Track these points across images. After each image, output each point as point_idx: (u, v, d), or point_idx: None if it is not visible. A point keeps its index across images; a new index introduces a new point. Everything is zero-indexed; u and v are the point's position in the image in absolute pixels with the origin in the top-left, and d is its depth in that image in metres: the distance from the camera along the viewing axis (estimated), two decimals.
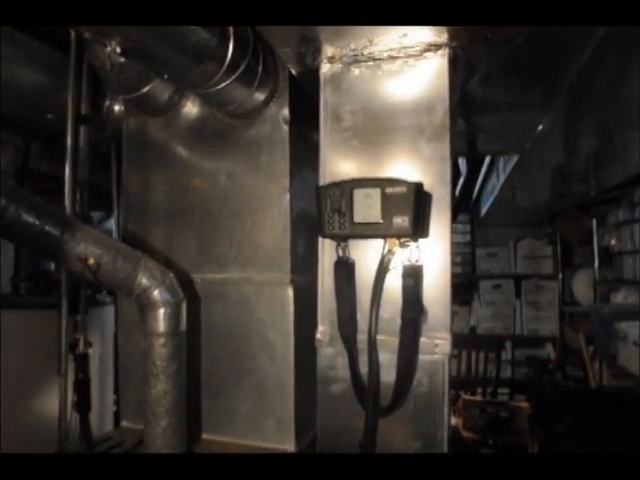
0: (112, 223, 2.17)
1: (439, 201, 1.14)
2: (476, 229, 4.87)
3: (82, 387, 1.28)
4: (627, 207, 3.82)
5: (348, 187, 1.08)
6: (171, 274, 1.36)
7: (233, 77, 1.28)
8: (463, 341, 4.04)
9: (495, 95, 1.71)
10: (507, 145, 2.35)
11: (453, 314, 1.12)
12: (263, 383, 1.46)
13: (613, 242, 4.22)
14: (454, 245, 1.16)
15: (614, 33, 1.18)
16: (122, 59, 1.31)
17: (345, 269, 1.13)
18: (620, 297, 4.14)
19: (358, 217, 1.07)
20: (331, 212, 1.08)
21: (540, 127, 1.91)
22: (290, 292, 1.43)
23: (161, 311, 1.32)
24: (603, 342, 3.82)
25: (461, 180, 3.36)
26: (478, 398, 3.08)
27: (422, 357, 1.10)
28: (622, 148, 2.50)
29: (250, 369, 1.47)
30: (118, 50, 1.04)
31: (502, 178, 3.07)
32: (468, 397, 2.99)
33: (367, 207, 1.06)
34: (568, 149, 2.56)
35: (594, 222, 4.37)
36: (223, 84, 1.28)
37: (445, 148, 1.15)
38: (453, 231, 1.16)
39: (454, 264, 1.16)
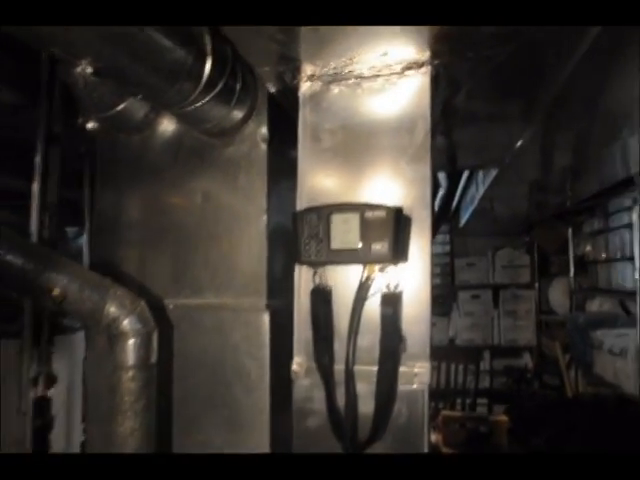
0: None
1: (419, 223, 1.11)
2: (455, 239, 4.88)
3: (41, 433, 1.21)
4: (601, 217, 3.87)
5: (325, 212, 1.05)
6: (142, 302, 1.30)
7: (210, 96, 1.23)
8: (442, 353, 4.05)
9: (476, 110, 1.70)
10: (487, 160, 2.35)
11: (432, 327, 1.09)
12: (238, 414, 1.39)
13: (588, 248, 4.27)
14: (434, 257, 1.13)
15: (591, 53, 1.18)
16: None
17: (322, 297, 1.09)
18: (595, 305, 4.19)
19: (336, 243, 1.03)
20: (308, 238, 1.04)
21: (520, 142, 1.91)
22: (266, 318, 1.38)
23: (131, 342, 1.25)
24: (579, 350, 3.86)
25: (441, 192, 3.36)
26: (457, 413, 3.06)
27: (401, 387, 1.06)
28: (596, 161, 2.54)
29: (224, 400, 1.41)
30: (89, 70, 0.98)
31: (481, 190, 3.08)
32: (448, 413, 2.97)
33: (345, 233, 1.02)
34: (545, 163, 2.59)
35: (570, 231, 4.42)
36: (199, 103, 1.23)
37: (426, 169, 1.12)
38: (433, 243, 1.13)
39: (433, 275, 1.13)
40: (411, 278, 1.09)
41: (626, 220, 3.28)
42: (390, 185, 1.13)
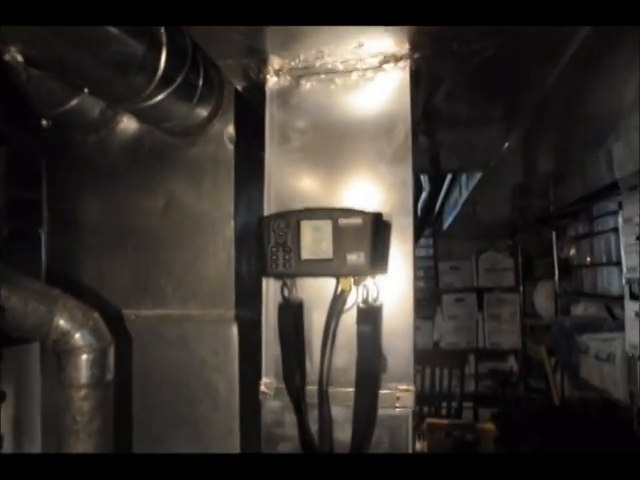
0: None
1: (400, 231, 1.01)
2: (438, 242, 4.81)
3: None
4: (586, 221, 3.83)
5: (294, 218, 0.94)
6: (95, 314, 1.19)
7: (168, 91, 1.12)
8: (427, 357, 3.99)
9: (460, 111, 1.64)
10: (471, 163, 2.28)
11: (415, 331, 0.99)
12: (206, 433, 1.29)
13: (572, 252, 4.23)
14: (417, 261, 1.04)
15: (577, 56, 1.12)
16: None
17: (291, 312, 0.98)
18: (580, 309, 4.15)
19: (306, 253, 0.93)
20: (275, 247, 0.93)
21: (505, 145, 1.84)
22: (234, 330, 1.28)
23: (83, 358, 1.15)
24: (565, 354, 3.82)
25: (424, 195, 3.28)
26: (443, 421, 2.98)
27: (382, 412, 0.96)
28: (581, 166, 2.51)
29: (191, 418, 1.30)
30: (20, 58, 0.87)
31: (465, 193, 3.01)
32: (433, 420, 2.89)
33: (316, 241, 0.92)
34: (530, 166, 2.54)
35: (554, 235, 4.38)
36: (156, 99, 1.13)
37: (407, 172, 1.02)
38: (415, 250, 1.04)
39: (417, 278, 1.04)
40: (392, 291, 0.99)
41: (611, 224, 3.23)
42: (368, 189, 1.03)
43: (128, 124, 1.43)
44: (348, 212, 0.93)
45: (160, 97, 1.12)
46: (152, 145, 1.39)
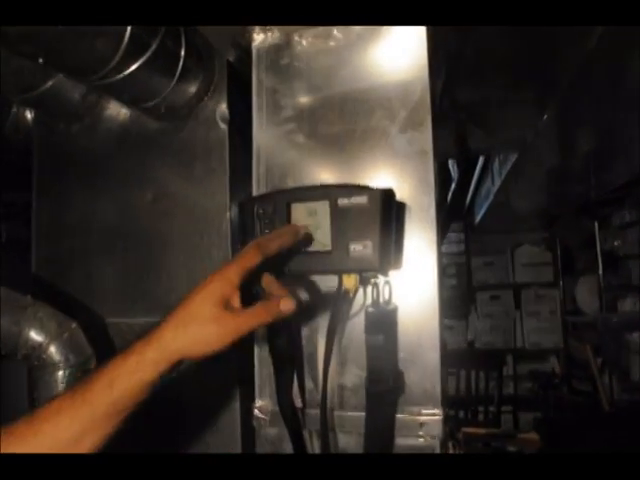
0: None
1: (420, 214, 0.82)
2: (470, 237, 4.57)
3: None
4: (633, 207, 3.55)
5: (283, 200, 0.75)
6: (74, 324, 1.04)
7: (141, 60, 0.95)
8: (461, 359, 3.80)
9: (490, 87, 1.47)
10: (505, 141, 2.07)
11: (446, 332, 0.79)
12: None
13: (617, 243, 3.94)
14: (444, 256, 0.84)
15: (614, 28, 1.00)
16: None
17: (282, 319, 0.79)
18: (628, 305, 3.87)
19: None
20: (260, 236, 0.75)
21: (543, 118, 1.63)
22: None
23: (58, 375, 1.01)
24: (612, 354, 3.58)
25: (453, 186, 3.06)
26: (481, 430, 2.74)
27: (401, 441, 0.76)
28: (625, 145, 2.29)
29: (186, 443, 1.13)
30: None
31: (497, 182, 2.79)
32: (470, 430, 2.65)
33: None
34: (565, 149, 2.33)
35: (596, 225, 4.09)
36: (128, 70, 0.96)
37: (426, 138, 0.82)
38: (446, 241, 0.84)
39: (448, 276, 0.84)
40: (411, 289, 0.80)
41: None
42: (376, 162, 0.84)
43: (114, 111, 1.28)
44: (350, 189, 0.73)
45: (132, 68, 0.95)
46: (139, 132, 1.24)
